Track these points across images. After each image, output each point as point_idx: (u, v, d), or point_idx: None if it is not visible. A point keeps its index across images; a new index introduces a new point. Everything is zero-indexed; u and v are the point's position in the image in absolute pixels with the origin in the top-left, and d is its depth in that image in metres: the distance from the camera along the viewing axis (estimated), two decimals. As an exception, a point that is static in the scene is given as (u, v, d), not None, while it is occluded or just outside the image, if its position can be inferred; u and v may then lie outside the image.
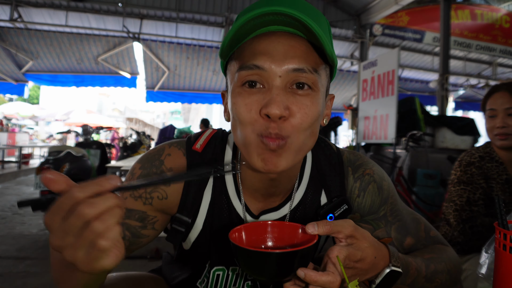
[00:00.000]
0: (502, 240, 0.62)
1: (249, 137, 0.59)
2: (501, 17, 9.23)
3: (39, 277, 2.49)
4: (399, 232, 0.80)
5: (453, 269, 0.76)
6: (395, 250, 0.64)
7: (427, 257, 0.74)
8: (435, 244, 0.82)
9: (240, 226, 0.60)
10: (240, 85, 0.59)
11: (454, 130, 5.06)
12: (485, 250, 0.78)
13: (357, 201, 0.79)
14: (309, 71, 0.57)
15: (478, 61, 10.43)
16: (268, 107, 0.55)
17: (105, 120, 16.89)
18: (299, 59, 0.57)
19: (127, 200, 0.70)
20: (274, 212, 0.75)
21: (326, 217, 0.74)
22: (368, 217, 0.80)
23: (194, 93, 10.09)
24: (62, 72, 8.94)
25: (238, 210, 0.75)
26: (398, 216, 0.81)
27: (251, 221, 0.75)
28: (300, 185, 0.77)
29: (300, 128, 0.58)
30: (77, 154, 3.91)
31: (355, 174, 0.79)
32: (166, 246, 2.76)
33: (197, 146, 0.75)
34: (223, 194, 0.75)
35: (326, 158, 0.79)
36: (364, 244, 0.58)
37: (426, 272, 0.71)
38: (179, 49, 8.27)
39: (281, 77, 0.57)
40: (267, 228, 0.62)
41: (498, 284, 0.63)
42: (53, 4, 7.29)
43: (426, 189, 4.12)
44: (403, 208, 0.83)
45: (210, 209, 0.74)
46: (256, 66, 0.57)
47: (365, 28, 8.15)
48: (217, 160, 0.75)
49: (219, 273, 0.78)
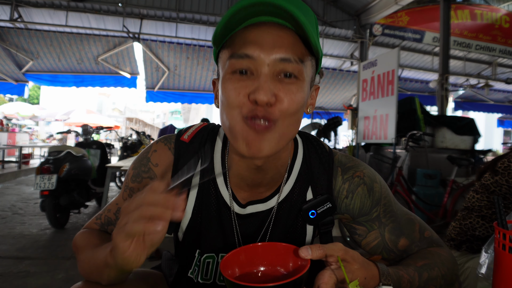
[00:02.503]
0: (502, 240, 0.62)
1: (235, 119, 0.62)
2: (500, 17, 9.23)
3: (39, 277, 2.49)
4: (393, 233, 0.80)
5: (447, 273, 0.76)
6: (384, 268, 0.64)
7: (420, 265, 0.73)
8: (429, 246, 0.82)
9: (231, 253, 0.59)
10: (231, 72, 0.62)
11: (454, 130, 5.07)
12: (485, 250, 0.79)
13: (345, 202, 0.79)
14: (295, 61, 0.60)
15: (477, 61, 10.43)
16: (256, 93, 0.58)
17: (105, 120, 16.89)
18: (286, 49, 0.60)
19: (126, 201, 0.73)
20: (262, 203, 0.77)
21: (308, 213, 0.76)
22: (360, 218, 0.80)
23: (194, 93, 10.09)
24: (62, 72, 8.94)
25: (225, 198, 0.77)
26: (392, 217, 0.80)
27: (238, 210, 0.76)
28: (289, 179, 0.78)
29: (287, 113, 0.61)
30: (77, 154, 3.90)
31: (344, 176, 0.80)
32: (166, 246, 2.76)
33: (185, 137, 0.78)
34: (211, 181, 0.77)
35: (317, 156, 0.80)
36: (354, 266, 0.59)
37: (419, 281, 0.70)
38: (179, 49, 8.27)
39: (269, 66, 0.60)
40: (258, 251, 0.61)
41: (497, 284, 0.64)
42: (53, 4, 7.30)
43: (426, 189, 4.12)
44: (398, 208, 0.83)
45: (199, 196, 0.77)
46: (246, 55, 0.60)
47: (365, 28, 8.15)
48: (202, 149, 0.78)
49: (209, 260, 0.78)
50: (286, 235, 0.78)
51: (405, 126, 4.93)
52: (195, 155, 0.77)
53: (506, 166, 1.29)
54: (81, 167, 3.89)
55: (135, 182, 0.78)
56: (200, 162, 0.77)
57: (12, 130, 12.33)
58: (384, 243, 0.79)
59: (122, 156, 6.34)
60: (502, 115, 14.71)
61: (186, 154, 0.77)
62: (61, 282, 2.42)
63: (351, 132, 6.28)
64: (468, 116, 7.54)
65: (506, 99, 12.64)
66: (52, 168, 3.60)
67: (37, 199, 5.31)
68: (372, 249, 0.81)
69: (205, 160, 0.77)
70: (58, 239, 3.42)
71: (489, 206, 1.38)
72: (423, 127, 4.98)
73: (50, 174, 3.52)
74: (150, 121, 36.68)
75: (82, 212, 4.53)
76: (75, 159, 3.83)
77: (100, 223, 0.81)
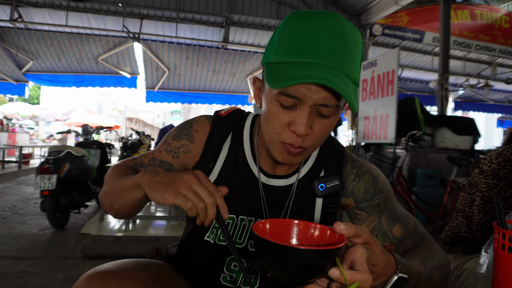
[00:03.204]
0: (501, 239, 0.62)
1: (274, 140, 0.74)
2: (500, 17, 9.23)
3: (39, 277, 2.49)
4: (389, 217, 0.86)
5: (444, 264, 0.80)
6: (400, 257, 0.66)
7: (421, 257, 0.77)
8: (422, 241, 0.87)
9: (265, 220, 0.59)
10: (278, 101, 0.71)
11: (454, 130, 5.07)
12: (485, 249, 0.79)
13: (351, 185, 0.88)
14: (331, 106, 0.69)
15: (477, 61, 10.43)
16: (297, 127, 0.69)
17: (105, 120, 16.89)
18: (327, 98, 0.69)
19: (162, 153, 0.90)
20: (284, 179, 0.88)
21: (318, 186, 0.85)
22: (362, 204, 0.88)
23: (194, 93, 10.08)
24: (62, 72, 8.93)
25: (252, 168, 0.88)
26: (391, 206, 0.88)
27: (264, 180, 0.87)
28: (307, 162, 0.90)
29: (318, 141, 0.74)
30: (77, 154, 3.90)
31: (354, 164, 0.90)
32: (166, 246, 2.76)
33: (222, 112, 0.93)
34: (240, 152, 0.89)
35: (332, 147, 0.92)
36: (377, 250, 0.60)
37: (425, 271, 0.73)
38: (179, 49, 8.26)
39: (311, 107, 0.69)
40: (293, 227, 0.60)
41: (497, 284, 0.64)
42: (53, 4, 7.29)
43: (426, 189, 4.13)
44: (397, 203, 0.90)
45: (227, 161, 0.88)
46: (295, 97, 0.68)
47: (365, 28, 8.14)
48: (236, 124, 0.93)
49: (229, 221, 0.86)
50: (299, 210, 0.87)
51: (405, 126, 4.93)
52: (229, 127, 0.90)
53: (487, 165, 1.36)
54: (81, 167, 3.89)
55: (175, 140, 0.91)
56: (231, 135, 0.90)
57: (12, 130, 12.33)
58: (380, 226, 0.85)
59: (122, 156, 6.34)
60: (502, 115, 14.70)
61: (222, 125, 0.90)
62: (61, 282, 2.43)
63: (351, 132, 6.28)
64: (468, 116, 7.54)
65: (506, 99, 12.63)
66: (52, 168, 3.60)
67: (37, 199, 5.31)
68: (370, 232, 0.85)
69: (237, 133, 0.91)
70: (58, 239, 3.42)
71: (470, 205, 1.40)
72: (423, 127, 4.98)
73: (50, 174, 3.53)
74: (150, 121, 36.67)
75: (82, 212, 4.53)
76: (75, 159, 3.83)
77: (135, 162, 0.93)
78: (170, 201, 0.61)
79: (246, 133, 0.91)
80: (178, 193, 0.61)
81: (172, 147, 0.90)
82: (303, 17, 0.71)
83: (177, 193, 0.61)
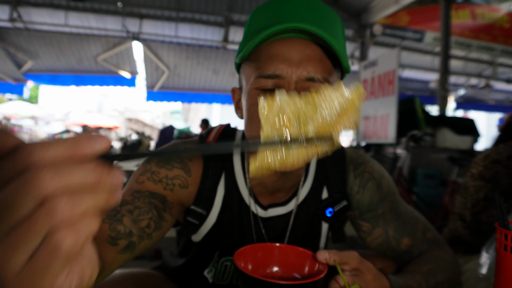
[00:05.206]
0: (503, 240, 0.61)
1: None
2: (501, 17, 9.21)
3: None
4: (397, 231, 0.81)
5: (452, 276, 0.77)
6: (395, 280, 0.64)
7: (426, 270, 0.73)
8: (431, 249, 0.82)
9: (246, 247, 0.57)
10: (258, 90, 0.63)
11: (455, 130, 5.06)
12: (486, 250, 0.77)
13: (356, 198, 0.82)
14: (318, 81, 0.62)
15: (478, 61, 10.42)
16: None
17: (104, 120, 16.90)
18: (312, 68, 0.61)
19: (144, 183, 0.68)
20: (282, 207, 0.80)
21: (325, 212, 0.78)
22: (366, 214, 0.82)
23: (194, 93, 10.08)
24: (62, 72, 8.93)
25: (248, 203, 0.79)
26: (397, 215, 0.82)
27: (261, 213, 0.79)
28: (306, 182, 0.81)
29: None
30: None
31: (356, 172, 0.83)
32: (166, 246, 2.75)
33: (210, 139, 0.80)
34: (234, 188, 0.79)
35: (330, 156, 0.82)
36: (368, 277, 0.58)
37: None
38: (179, 49, 8.26)
39: (296, 82, 0.62)
40: (275, 251, 0.59)
41: (499, 285, 0.62)
42: (52, 4, 7.28)
43: (427, 189, 4.12)
44: (403, 205, 0.84)
45: (224, 202, 0.78)
46: (276, 76, 0.61)
47: (365, 28, 8.13)
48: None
49: (227, 263, 0.81)
50: (303, 235, 0.81)
51: (405, 126, 4.91)
52: (221, 161, 0.78)
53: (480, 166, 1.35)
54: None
55: (162, 168, 0.75)
56: (224, 174, 0.78)
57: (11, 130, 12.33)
58: (388, 241, 0.81)
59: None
60: (503, 115, 14.71)
61: (213, 161, 0.77)
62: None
63: (351, 132, 6.27)
64: (468, 116, 7.53)
65: (507, 99, 12.63)
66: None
67: (36, 199, 5.30)
68: (377, 247, 0.83)
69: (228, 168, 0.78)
70: (57, 239, 3.41)
71: (465, 208, 1.39)
72: (423, 127, 4.97)
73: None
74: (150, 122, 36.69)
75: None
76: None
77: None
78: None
79: (237, 163, 0.79)
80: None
81: (161, 176, 0.71)
82: (270, 2, 0.66)
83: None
